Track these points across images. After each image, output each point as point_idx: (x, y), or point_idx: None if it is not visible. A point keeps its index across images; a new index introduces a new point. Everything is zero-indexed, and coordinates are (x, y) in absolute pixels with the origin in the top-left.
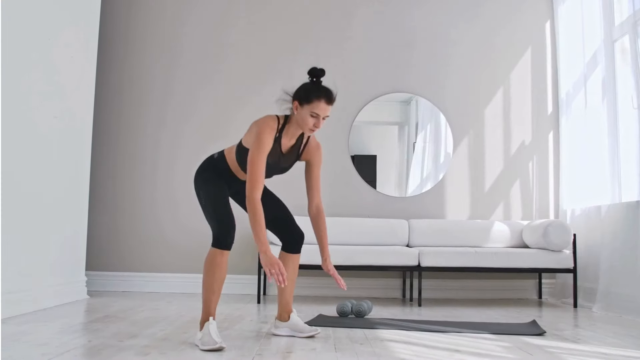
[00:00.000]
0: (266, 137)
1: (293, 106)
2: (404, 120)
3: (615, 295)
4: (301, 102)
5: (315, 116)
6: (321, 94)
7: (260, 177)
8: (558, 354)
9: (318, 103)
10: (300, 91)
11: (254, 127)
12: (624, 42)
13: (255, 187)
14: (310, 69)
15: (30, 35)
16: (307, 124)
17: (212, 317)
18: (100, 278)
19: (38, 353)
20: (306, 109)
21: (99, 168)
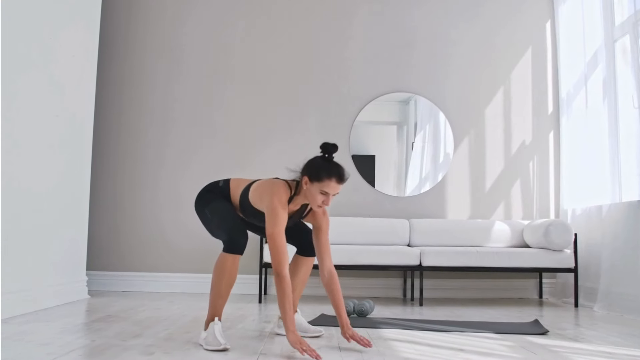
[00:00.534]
0: (281, 212)
1: (302, 181)
2: (403, 120)
3: (617, 294)
4: (311, 178)
5: (325, 194)
6: (332, 173)
7: (285, 252)
8: (562, 353)
9: (329, 182)
10: (310, 167)
11: (266, 198)
12: (625, 42)
13: (282, 263)
14: (322, 144)
15: (31, 34)
16: (315, 201)
17: (217, 318)
18: (101, 278)
19: (42, 353)
20: (316, 186)
21: (99, 168)
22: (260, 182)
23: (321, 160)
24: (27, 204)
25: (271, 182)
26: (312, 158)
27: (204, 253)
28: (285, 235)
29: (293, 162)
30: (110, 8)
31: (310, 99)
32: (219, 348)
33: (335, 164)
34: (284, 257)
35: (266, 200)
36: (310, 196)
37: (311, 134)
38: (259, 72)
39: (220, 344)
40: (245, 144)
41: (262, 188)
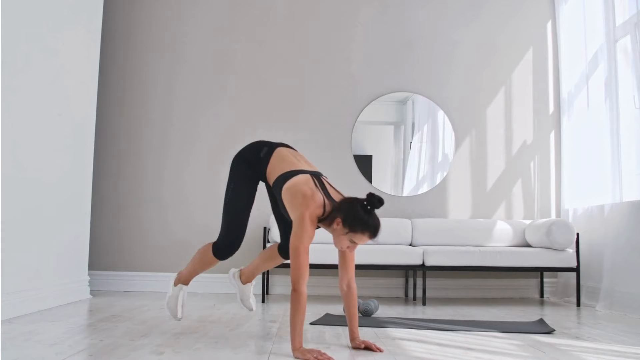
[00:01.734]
0: (309, 228)
1: (335, 221)
2: (400, 120)
3: (619, 294)
4: (344, 223)
5: (353, 243)
6: (369, 228)
7: (306, 268)
8: (572, 352)
9: (362, 235)
10: (348, 212)
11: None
12: (626, 42)
13: (302, 277)
14: (369, 194)
15: (33, 33)
16: (341, 244)
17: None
18: (102, 278)
19: (52, 352)
20: (346, 234)
21: (101, 167)
22: (298, 181)
23: (362, 211)
24: (29, 203)
25: (308, 194)
26: (353, 202)
27: None
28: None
29: None
30: (111, 7)
31: (312, 98)
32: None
33: (374, 218)
34: (304, 273)
35: (297, 211)
36: (337, 237)
37: (313, 133)
38: (260, 71)
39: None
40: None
41: (297, 193)
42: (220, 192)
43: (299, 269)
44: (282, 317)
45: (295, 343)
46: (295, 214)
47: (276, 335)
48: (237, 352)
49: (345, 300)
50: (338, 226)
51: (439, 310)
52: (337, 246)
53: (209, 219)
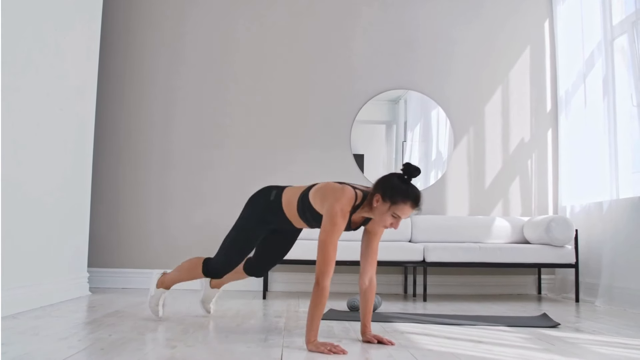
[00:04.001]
0: (340, 222)
1: (374, 198)
2: (392, 119)
3: (619, 289)
4: (384, 198)
5: (396, 217)
6: (410, 197)
7: (332, 263)
8: (580, 344)
9: (404, 206)
10: (386, 186)
11: (329, 202)
12: (623, 41)
13: (327, 273)
14: (405, 164)
15: (32, 32)
16: (384, 221)
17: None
18: (101, 275)
19: (64, 347)
20: (388, 207)
21: (101, 165)
22: (325, 183)
23: (399, 181)
24: (29, 200)
25: (337, 187)
26: (389, 176)
27: (204, 250)
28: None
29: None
30: (111, 5)
31: (312, 96)
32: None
33: (413, 187)
34: (330, 268)
35: (327, 204)
36: (379, 216)
37: (313, 132)
38: (261, 70)
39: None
40: (247, 141)
41: (326, 189)
42: (221, 190)
43: (324, 264)
44: (287, 313)
45: (310, 336)
46: (326, 207)
47: (284, 329)
48: (249, 345)
49: (365, 295)
50: (378, 203)
51: (441, 306)
52: (381, 225)
53: (207, 217)
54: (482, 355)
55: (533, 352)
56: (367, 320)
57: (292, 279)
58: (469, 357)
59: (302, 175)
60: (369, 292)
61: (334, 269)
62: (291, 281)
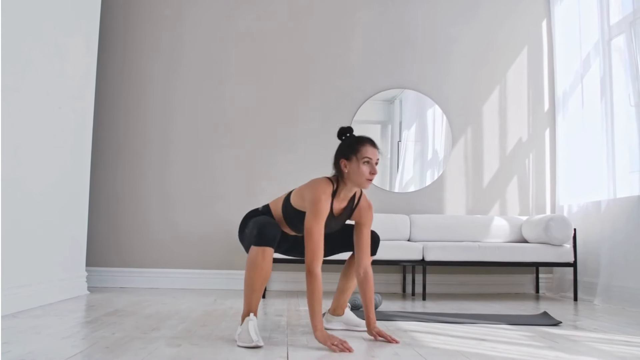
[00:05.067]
0: (323, 205)
1: (341, 165)
2: (387, 119)
3: (617, 288)
4: (348, 155)
5: (369, 162)
6: (363, 139)
7: (320, 248)
8: (583, 342)
9: (365, 148)
10: (342, 148)
11: (308, 193)
12: (620, 41)
13: (316, 258)
14: (338, 131)
15: (31, 31)
16: (363, 175)
17: (252, 314)
18: (98, 274)
19: (68, 345)
20: (356, 161)
21: (99, 164)
22: (300, 186)
23: (345, 140)
24: (27, 200)
25: (312, 181)
26: (339, 145)
27: (203, 249)
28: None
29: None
30: (109, 5)
31: (311, 96)
32: (250, 345)
33: (360, 135)
34: (318, 254)
35: (308, 195)
36: (356, 174)
37: (312, 131)
38: (259, 70)
39: (252, 340)
40: (245, 140)
41: (302, 188)
42: (220, 189)
43: (312, 251)
44: (287, 312)
45: (315, 323)
46: (307, 198)
47: (287, 327)
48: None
49: (362, 287)
50: (347, 166)
51: (440, 305)
52: (364, 182)
53: (207, 216)
54: (488, 353)
55: (537, 350)
56: (369, 312)
57: (291, 278)
58: (475, 355)
59: (301, 174)
60: (365, 283)
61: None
62: (289, 280)
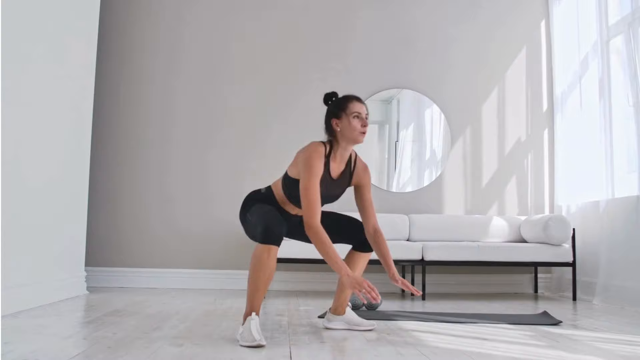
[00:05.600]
0: (316, 162)
1: (333, 125)
2: (385, 119)
3: (616, 288)
4: (338, 114)
5: (358, 116)
6: (349, 97)
7: (316, 202)
8: (585, 342)
9: (352, 105)
10: (331, 110)
11: (301, 156)
12: (619, 41)
13: (313, 213)
14: (324, 97)
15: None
16: (355, 128)
17: (254, 313)
18: (97, 274)
19: (70, 345)
20: (346, 117)
21: (98, 163)
22: None
23: (332, 102)
24: (27, 199)
25: (303, 147)
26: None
27: (202, 249)
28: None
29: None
30: (109, 4)
31: (309, 95)
32: (253, 344)
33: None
34: (315, 209)
35: (301, 158)
36: (349, 129)
37: (312, 131)
38: (258, 69)
39: (254, 340)
40: (244, 140)
41: (296, 156)
42: (220, 188)
43: (309, 207)
44: (288, 311)
45: (341, 270)
46: (300, 161)
47: (289, 327)
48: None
49: (376, 243)
50: (339, 125)
51: (440, 305)
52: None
53: (206, 215)
54: (490, 352)
55: (539, 349)
56: (389, 263)
57: (291, 278)
58: (477, 355)
59: None
60: (378, 238)
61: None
62: (289, 280)
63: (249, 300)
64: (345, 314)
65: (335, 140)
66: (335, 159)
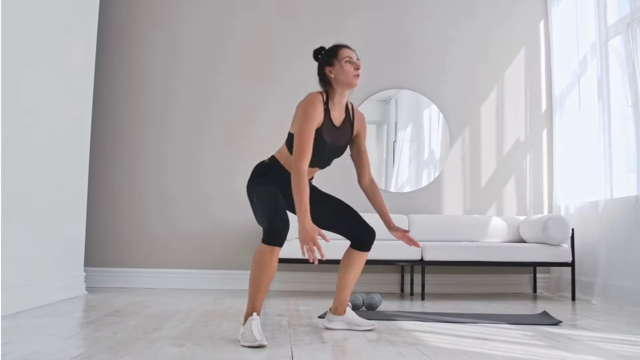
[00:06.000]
0: (314, 107)
1: (327, 73)
2: (383, 119)
3: (615, 288)
4: (330, 62)
5: (350, 60)
6: (339, 45)
7: (308, 147)
8: (585, 342)
9: (343, 50)
10: (323, 60)
11: (300, 107)
12: (618, 42)
13: (302, 157)
14: (313, 52)
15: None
16: (349, 72)
17: (256, 313)
18: (96, 274)
19: (70, 346)
20: (338, 63)
21: (97, 163)
22: None
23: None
24: (26, 199)
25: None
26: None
27: (201, 249)
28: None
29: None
30: (108, 3)
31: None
32: (254, 344)
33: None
34: (305, 152)
35: (299, 109)
36: (342, 74)
37: None
38: (256, 69)
39: (255, 340)
40: (242, 140)
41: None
42: (219, 188)
43: (299, 150)
44: (288, 312)
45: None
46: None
47: (289, 327)
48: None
49: (371, 194)
50: (333, 68)
51: (440, 305)
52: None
53: (205, 215)
54: (491, 352)
55: (540, 349)
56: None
57: (290, 278)
58: (479, 355)
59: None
60: (373, 189)
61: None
62: (287, 280)
63: (251, 300)
64: (345, 314)
65: (331, 88)
66: (334, 107)
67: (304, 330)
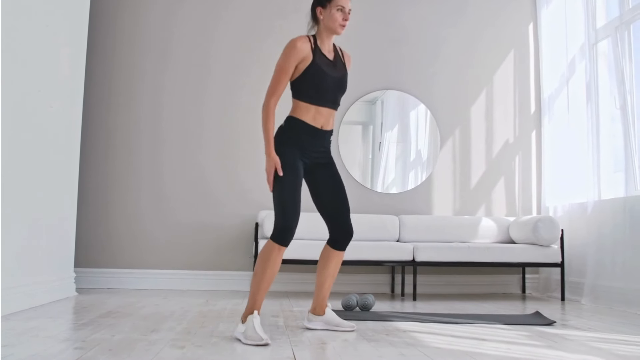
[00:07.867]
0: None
1: (318, 13)
2: (369, 120)
3: (604, 288)
4: (323, 3)
5: (341, 9)
6: None
7: (281, 84)
8: (581, 341)
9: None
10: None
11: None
12: (606, 45)
13: (274, 93)
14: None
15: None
16: (336, 20)
17: (257, 311)
18: (86, 275)
19: (69, 348)
20: (329, 8)
21: (87, 164)
22: None
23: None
24: (14, 199)
25: None
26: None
27: (192, 250)
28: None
29: None
30: (98, 2)
31: None
32: (260, 343)
33: None
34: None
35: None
36: (330, 20)
37: None
38: (247, 68)
39: (261, 338)
40: (234, 139)
41: None
42: (210, 189)
43: (273, 87)
44: (282, 312)
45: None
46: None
47: (286, 328)
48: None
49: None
50: (324, 10)
51: (432, 305)
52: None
53: (197, 216)
54: (491, 352)
55: (539, 349)
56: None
57: (283, 279)
58: (479, 355)
59: None
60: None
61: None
62: (282, 281)
63: (252, 297)
64: (325, 314)
65: (317, 27)
66: (324, 46)
67: (301, 331)
